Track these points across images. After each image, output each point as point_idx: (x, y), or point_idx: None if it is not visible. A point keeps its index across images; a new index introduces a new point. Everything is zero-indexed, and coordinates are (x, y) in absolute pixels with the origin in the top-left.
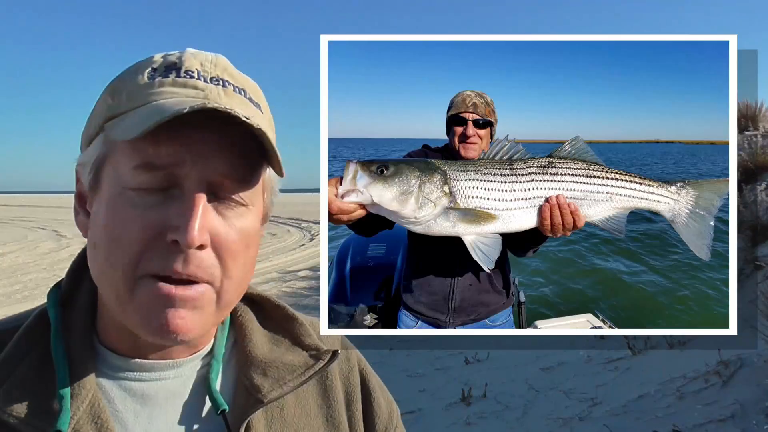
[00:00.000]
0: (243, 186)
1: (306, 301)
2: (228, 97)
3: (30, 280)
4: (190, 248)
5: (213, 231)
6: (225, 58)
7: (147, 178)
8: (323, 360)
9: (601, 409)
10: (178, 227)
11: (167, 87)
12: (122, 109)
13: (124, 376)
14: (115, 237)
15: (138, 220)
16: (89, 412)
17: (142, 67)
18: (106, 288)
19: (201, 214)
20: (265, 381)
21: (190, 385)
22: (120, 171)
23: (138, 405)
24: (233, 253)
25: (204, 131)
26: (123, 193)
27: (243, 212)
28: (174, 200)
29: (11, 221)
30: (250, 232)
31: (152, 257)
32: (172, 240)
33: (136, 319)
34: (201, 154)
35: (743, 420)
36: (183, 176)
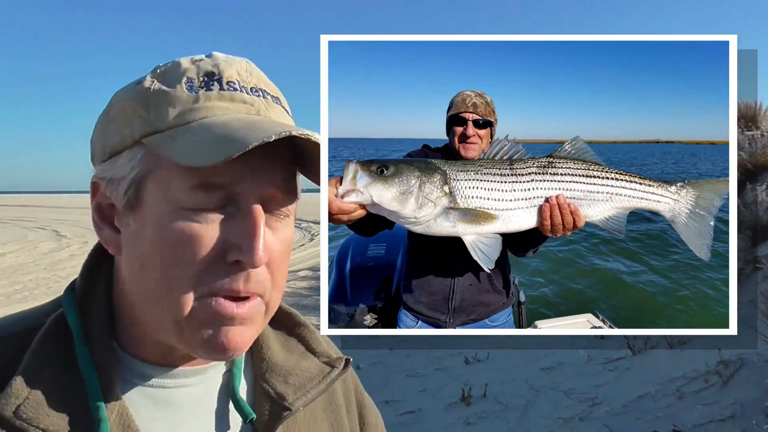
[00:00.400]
0: (291, 197)
1: (306, 301)
2: (271, 109)
3: (30, 280)
4: (256, 267)
5: (267, 246)
6: (251, 62)
7: (206, 197)
8: (337, 368)
9: (601, 409)
10: (240, 247)
11: (214, 101)
12: (166, 125)
13: (148, 383)
14: (172, 257)
15: (198, 239)
16: (118, 422)
17: (174, 75)
18: (161, 309)
19: (264, 232)
20: (288, 389)
21: (215, 392)
22: (172, 190)
23: (163, 412)
24: (279, 264)
25: (261, 148)
26: (177, 212)
27: (287, 222)
28: (232, 218)
29: (11, 221)
30: (291, 240)
31: (214, 277)
32: (234, 260)
33: (195, 338)
34: (258, 171)
35: (743, 420)
36: (241, 193)
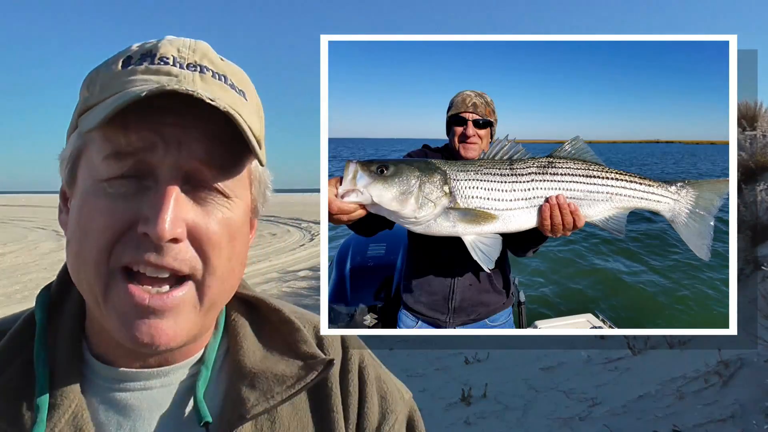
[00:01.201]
0: (223, 174)
1: (306, 301)
2: (205, 82)
3: (30, 280)
4: (162, 241)
5: (190, 222)
6: (206, 43)
7: (117, 167)
8: (316, 371)
9: (601, 409)
10: (148, 218)
11: (139, 75)
12: (95, 101)
13: (109, 385)
14: (85, 229)
15: (108, 210)
16: (71, 423)
17: (118, 56)
18: (81, 285)
19: (174, 205)
20: (252, 394)
21: (178, 395)
22: (93, 163)
23: (121, 416)
24: (215, 245)
25: (179, 117)
26: (95, 185)
27: (225, 202)
28: (147, 190)
29: (11, 221)
30: (234, 224)
31: (124, 249)
32: (142, 232)
33: (113, 323)
34: (174, 140)
35: (743, 420)
36: (156, 164)
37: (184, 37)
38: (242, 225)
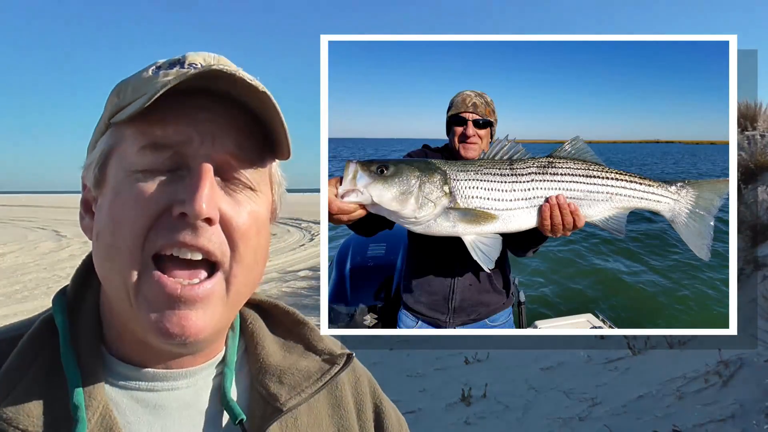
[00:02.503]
0: (251, 167)
1: (306, 301)
2: (234, 80)
3: (30, 280)
4: (199, 218)
5: (222, 210)
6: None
7: (154, 158)
8: (338, 364)
9: (601, 409)
10: (184, 200)
11: (170, 78)
12: (127, 101)
13: (135, 385)
14: (119, 218)
15: (143, 197)
16: (101, 424)
17: (147, 67)
18: (113, 279)
19: (209, 187)
20: (282, 389)
21: (205, 395)
22: (126, 155)
23: (150, 416)
24: (243, 234)
25: (212, 112)
26: (129, 176)
27: (252, 196)
28: (182, 179)
29: (11, 221)
30: (260, 217)
31: (159, 232)
32: (179, 213)
33: (143, 318)
34: (209, 132)
35: (743, 420)
36: (190, 155)
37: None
38: (266, 220)
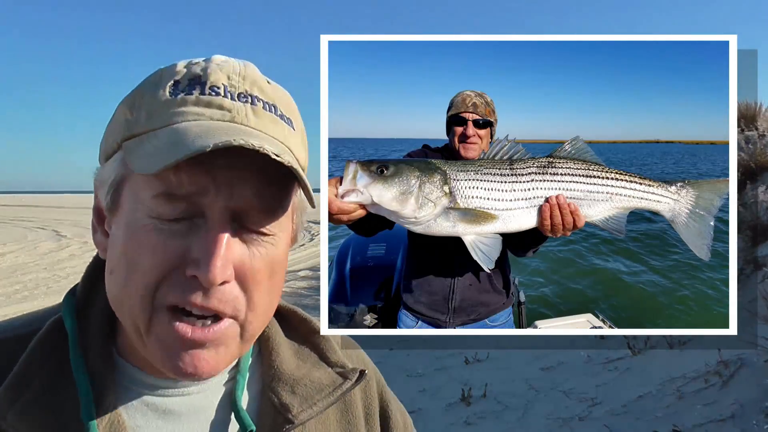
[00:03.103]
0: (270, 216)
1: (306, 301)
2: (257, 117)
3: (30, 280)
4: (212, 286)
5: (237, 263)
6: (254, 66)
7: (168, 207)
8: (350, 380)
9: (601, 409)
10: (198, 262)
11: (190, 106)
12: (141, 129)
13: (146, 391)
14: (133, 264)
15: (158, 248)
16: (109, 429)
17: (164, 78)
18: (124, 317)
19: (225, 248)
20: (294, 399)
21: (215, 400)
22: (140, 196)
23: (160, 420)
24: (258, 282)
25: (230, 158)
26: (144, 219)
27: (270, 240)
28: (197, 230)
29: (11, 221)
30: (276, 260)
31: (171, 288)
32: (192, 275)
33: (155, 355)
34: (226, 183)
35: (743, 420)
36: (206, 205)
37: (230, 58)
38: (283, 259)
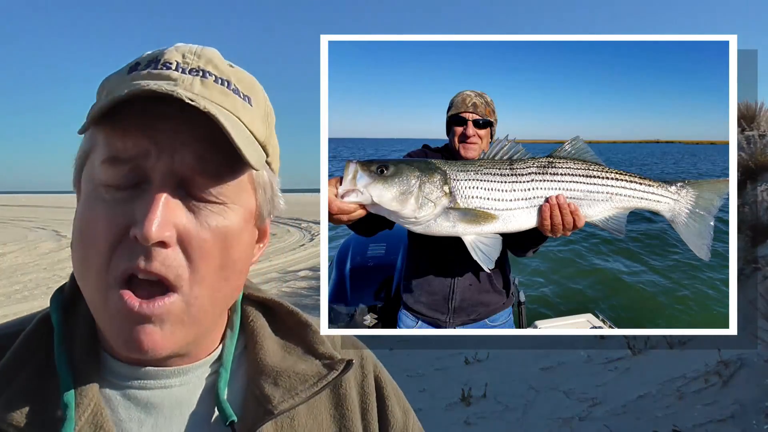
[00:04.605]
0: (216, 181)
1: (306, 301)
2: (204, 87)
3: (30, 280)
4: (148, 243)
5: (181, 228)
6: (214, 50)
7: (114, 172)
8: (336, 370)
9: (601, 409)
10: (137, 221)
11: (141, 80)
12: (100, 104)
13: (128, 384)
14: (86, 237)
15: (105, 217)
16: (91, 421)
17: (129, 64)
18: (86, 292)
19: (162, 207)
20: (276, 391)
21: (198, 393)
22: (93, 167)
23: (142, 413)
24: (205, 253)
25: (173, 123)
26: (95, 189)
27: (220, 210)
28: (142, 194)
29: (11, 221)
30: (230, 232)
31: (120, 257)
32: (133, 235)
33: (108, 330)
34: (168, 146)
35: (743, 420)
36: (150, 169)
37: (192, 44)
38: (239, 233)
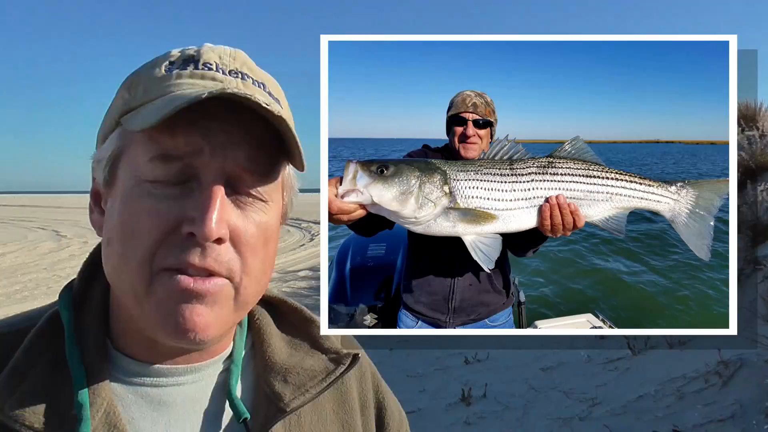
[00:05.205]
0: (263, 180)
1: (306, 301)
2: (247, 88)
3: (30, 280)
4: (207, 241)
5: (232, 224)
6: (244, 52)
7: (164, 169)
8: (343, 364)
9: (601, 409)
10: (194, 219)
11: (185, 79)
12: (138, 102)
13: (140, 381)
14: (130, 230)
15: (154, 211)
16: (105, 420)
17: (159, 61)
18: (122, 286)
19: (219, 206)
20: (286, 388)
21: (210, 391)
22: (136, 163)
23: (155, 412)
24: (252, 247)
25: (224, 122)
26: (139, 185)
27: (263, 207)
28: (192, 192)
29: (11, 221)
30: (270, 228)
31: (168, 250)
32: (188, 232)
33: (153, 317)
34: (220, 145)
35: (743, 420)
36: (201, 168)
37: (222, 45)
38: (276, 229)
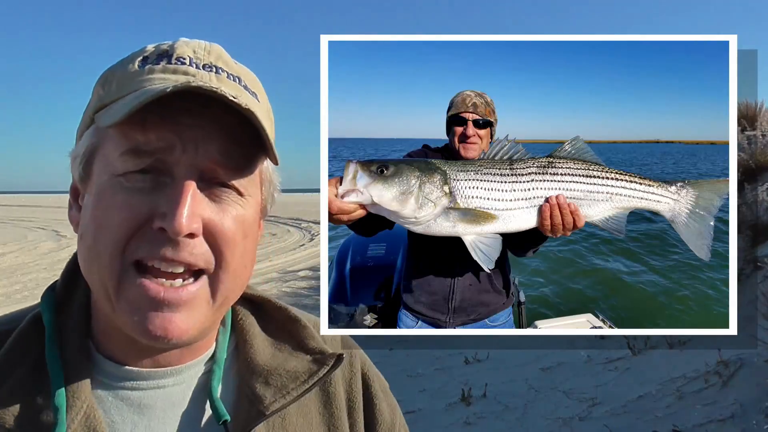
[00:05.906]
0: (237, 174)
1: (306, 301)
2: (220, 82)
3: (30, 280)
4: (178, 236)
5: (206, 218)
6: (220, 46)
7: (135, 164)
8: (327, 365)
9: (601, 409)
10: (165, 214)
11: (157, 74)
12: (112, 98)
13: (121, 384)
14: (101, 223)
15: (126, 206)
16: (84, 423)
17: (134, 56)
18: (93, 281)
19: (190, 200)
20: (268, 390)
21: (191, 393)
22: (109, 158)
23: (135, 415)
24: (228, 241)
25: (197, 117)
26: (111, 180)
27: (239, 200)
28: (164, 187)
29: (11, 221)
30: (247, 221)
31: (140, 243)
32: (159, 227)
33: (125, 319)
34: (192, 140)
35: (743, 420)
36: (173, 163)
37: (197, 39)
38: (254, 223)
